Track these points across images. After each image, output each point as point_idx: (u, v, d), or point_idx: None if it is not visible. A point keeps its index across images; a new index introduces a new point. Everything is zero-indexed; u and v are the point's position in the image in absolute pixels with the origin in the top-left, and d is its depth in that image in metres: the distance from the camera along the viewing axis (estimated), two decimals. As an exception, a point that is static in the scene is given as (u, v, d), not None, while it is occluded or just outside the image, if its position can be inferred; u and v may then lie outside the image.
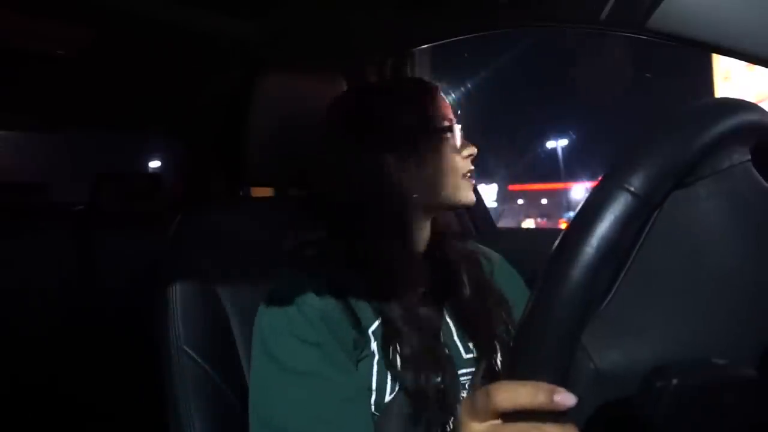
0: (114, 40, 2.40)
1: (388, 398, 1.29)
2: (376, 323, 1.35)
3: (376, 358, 1.32)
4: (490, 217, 2.44)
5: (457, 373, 1.38)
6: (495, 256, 1.70)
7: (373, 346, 1.33)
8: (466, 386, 1.40)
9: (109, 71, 2.87)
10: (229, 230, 1.69)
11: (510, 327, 1.51)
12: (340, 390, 1.24)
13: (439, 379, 1.32)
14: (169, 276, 1.56)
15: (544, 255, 0.69)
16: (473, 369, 1.42)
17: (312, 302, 1.30)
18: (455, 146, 1.48)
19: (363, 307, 1.35)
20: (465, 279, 1.51)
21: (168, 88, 3.19)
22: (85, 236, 3.80)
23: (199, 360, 1.48)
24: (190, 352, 1.48)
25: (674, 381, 0.62)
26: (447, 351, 1.40)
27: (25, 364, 3.42)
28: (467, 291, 1.49)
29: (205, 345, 1.50)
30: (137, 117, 3.93)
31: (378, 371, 1.31)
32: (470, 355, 1.44)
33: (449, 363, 1.36)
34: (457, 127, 1.49)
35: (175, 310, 1.52)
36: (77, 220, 3.89)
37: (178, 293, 1.54)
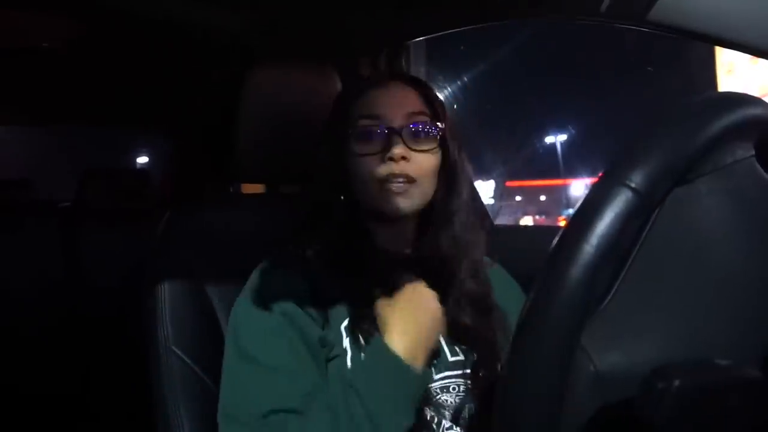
0: (101, 34, 2.40)
1: None
2: (348, 320, 1.37)
3: (349, 354, 1.33)
4: (488, 214, 2.44)
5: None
6: (490, 262, 1.69)
7: (346, 342, 1.35)
8: (450, 389, 1.40)
9: (96, 65, 2.86)
10: (219, 228, 1.70)
11: (498, 330, 1.50)
12: (302, 386, 1.26)
13: None
14: (157, 275, 1.56)
15: (542, 253, 0.69)
16: (460, 372, 1.42)
17: (281, 303, 1.33)
18: (375, 148, 1.42)
19: (337, 303, 1.37)
20: (454, 279, 1.50)
21: (157, 83, 3.19)
22: (71, 234, 3.79)
23: (188, 360, 1.48)
24: (178, 352, 1.48)
25: (676, 382, 0.62)
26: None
27: (10, 364, 3.42)
28: (455, 292, 1.49)
29: (194, 345, 1.50)
30: (125, 112, 3.93)
31: (352, 368, 1.31)
32: (456, 358, 1.44)
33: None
34: (378, 129, 1.42)
35: (163, 309, 1.52)
36: (63, 218, 3.88)
37: (166, 292, 1.54)
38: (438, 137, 1.47)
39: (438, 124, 1.47)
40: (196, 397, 1.45)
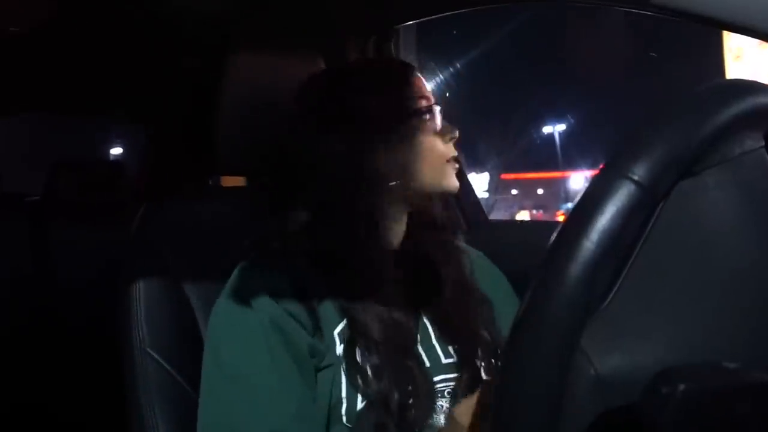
0: (71, 16, 2.39)
1: (360, 406, 1.29)
2: (342, 324, 1.35)
3: (344, 364, 1.31)
4: (482, 208, 2.44)
5: (428, 380, 1.37)
6: (474, 252, 1.70)
7: (339, 349, 1.33)
8: (446, 393, 1.40)
9: (66, 50, 2.85)
10: (197, 222, 1.69)
11: (491, 329, 1.50)
12: (287, 406, 1.23)
13: (409, 387, 1.32)
14: (132, 272, 1.56)
15: (540, 250, 0.69)
16: (455, 375, 1.42)
17: (265, 306, 1.30)
18: (435, 129, 1.47)
19: (327, 307, 1.36)
20: (444, 277, 1.51)
21: (131, 68, 3.17)
22: (40, 230, 3.78)
23: (165, 363, 1.48)
24: (154, 355, 1.48)
25: (681, 386, 0.61)
26: (422, 355, 1.41)
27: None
28: (447, 290, 1.48)
29: (170, 347, 1.50)
30: (97, 100, 3.91)
31: (347, 377, 1.30)
32: (450, 360, 1.44)
33: (420, 369, 1.36)
34: (437, 109, 1.48)
35: (138, 309, 1.52)
36: (32, 212, 3.87)
37: (141, 291, 1.53)
38: None
39: None
40: (172, 401, 1.45)
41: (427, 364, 1.40)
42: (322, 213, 1.42)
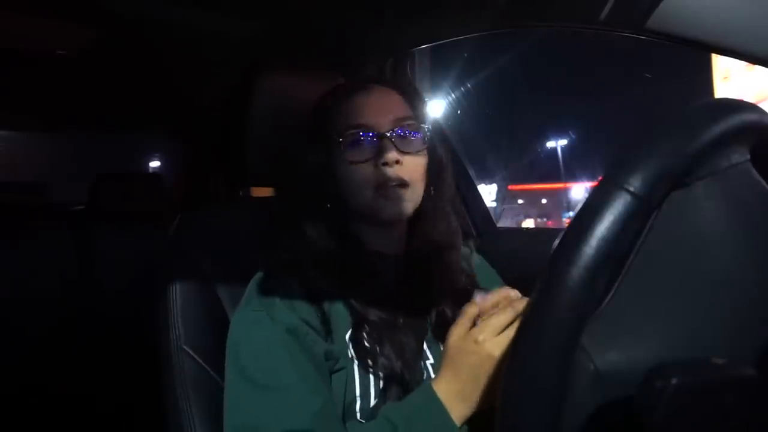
0: (114, 40, 2.40)
1: (373, 402, 1.28)
2: (351, 329, 1.34)
3: (356, 363, 1.30)
4: (491, 216, 2.44)
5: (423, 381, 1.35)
6: (473, 256, 1.69)
7: (351, 352, 1.32)
8: None
9: (109, 71, 2.86)
10: (228, 230, 1.70)
11: None
12: (310, 405, 1.20)
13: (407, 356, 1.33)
14: (168, 276, 1.56)
15: (544, 255, 0.69)
16: None
17: (281, 316, 1.28)
18: (366, 155, 1.41)
19: (338, 312, 1.35)
20: (443, 281, 1.50)
21: (168, 88, 3.19)
22: (85, 236, 3.80)
23: (199, 359, 1.48)
24: (189, 351, 1.48)
25: (674, 380, 0.61)
26: (427, 352, 1.41)
27: (24, 364, 3.42)
28: (444, 293, 1.48)
29: (204, 344, 1.50)
30: (138, 117, 3.93)
31: (360, 376, 1.29)
32: None
33: (420, 373, 1.36)
34: (369, 136, 1.42)
35: (174, 309, 1.52)
36: (77, 220, 3.89)
37: (177, 293, 1.54)
38: (425, 139, 1.46)
39: (423, 126, 1.46)
40: (206, 396, 1.44)
41: (432, 360, 1.40)
42: (315, 220, 1.43)
